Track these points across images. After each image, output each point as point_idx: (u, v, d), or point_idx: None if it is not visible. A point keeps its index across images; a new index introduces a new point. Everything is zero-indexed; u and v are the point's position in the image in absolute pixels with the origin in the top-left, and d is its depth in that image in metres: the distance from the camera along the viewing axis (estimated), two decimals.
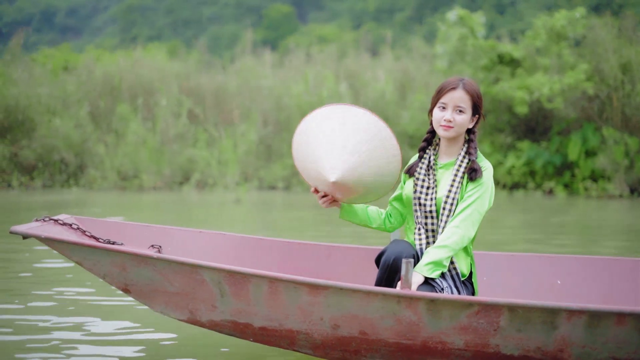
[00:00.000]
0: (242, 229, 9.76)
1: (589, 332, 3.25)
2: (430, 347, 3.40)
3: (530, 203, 16.14)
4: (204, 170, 19.34)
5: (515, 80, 18.63)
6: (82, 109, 20.00)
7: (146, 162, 18.96)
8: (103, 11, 58.35)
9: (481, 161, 3.88)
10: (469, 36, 19.43)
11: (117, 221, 4.42)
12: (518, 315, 3.24)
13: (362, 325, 3.42)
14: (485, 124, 19.45)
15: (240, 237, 4.54)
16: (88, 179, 18.85)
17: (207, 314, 3.67)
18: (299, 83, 21.29)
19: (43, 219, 4.02)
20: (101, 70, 21.35)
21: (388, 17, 45.51)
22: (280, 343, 3.65)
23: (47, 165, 18.99)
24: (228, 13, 52.17)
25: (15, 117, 19.13)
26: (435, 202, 3.82)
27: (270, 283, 3.43)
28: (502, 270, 4.47)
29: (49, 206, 13.56)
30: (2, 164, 18.56)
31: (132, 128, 19.62)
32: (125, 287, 3.75)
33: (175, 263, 3.56)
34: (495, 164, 18.80)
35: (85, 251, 3.68)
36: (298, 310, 3.46)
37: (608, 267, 4.41)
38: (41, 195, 16.33)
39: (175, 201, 15.80)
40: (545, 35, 18.71)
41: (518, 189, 18.72)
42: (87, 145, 19.34)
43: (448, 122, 3.81)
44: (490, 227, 10.62)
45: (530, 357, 3.35)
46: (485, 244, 8.25)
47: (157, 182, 18.91)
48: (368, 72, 21.93)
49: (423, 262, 3.64)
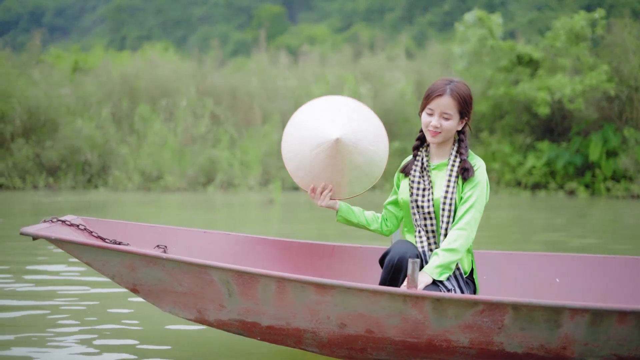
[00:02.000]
0: (296, 232, 9.91)
1: (592, 330, 3.32)
2: (436, 345, 3.47)
3: (557, 203, 16.24)
4: (226, 171, 19.36)
5: (536, 81, 18.73)
6: (104, 110, 20.01)
7: (169, 163, 18.98)
8: (91, 11, 58.16)
9: (472, 159, 3.94)
10: (488, 37, 19.50)
11: (122, 221, 4.46)
12: (522, 313, 3.31)
13: (368, 323, 3.48)
14: (504, 125, 19.59)
15: (244, 237, 4.59)
16: (114, 180, 18.83)
17: (215, 314, 3.73)
18: (320, 84, 21.29)
19: (51, 220, 4.06)
20: (119, 71, 21.35)
21: (378, 17, 45.58)
22: (287, 342, 3.71)
23: (70, 166, 19.00)
24: (218, 13, 52.11)
25: (37, 118, 19.14)
26: (433, 204, 3.88)
27: (279, 283, 3.49)
28: (501, 269, 4.53)
29: (79, 207, 13.67)
30: (26, 165, 18.58)
31: (153, 129, 19.63)
32: (134, 287, 3.80)
33: (184, 263, 3.61)
34: (516, 164, 18.91)
35: (95, 252, 3.73)
36: (305, 310, 3.52)
37: (606, 265, 4.48)
38: (69, 196, 16.38)
39: (207, 202, 15.84)
40: (564, 37, 18.78)
41: (539, 189, 18.80)
42: (109, 146, 19.33)
43: (435, 129, 3.88)
44: (550, 230, 10.76)
45: (533, 354, 3.42)
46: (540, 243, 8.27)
47: (181, 183, 18.93)
48: (387, 73, 21.94)
49: (433, 265, 3.71)
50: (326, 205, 4.10)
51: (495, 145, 19.29)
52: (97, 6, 57.92)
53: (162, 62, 22.10)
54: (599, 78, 17.89)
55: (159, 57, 22.64)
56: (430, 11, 44.18)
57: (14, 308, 5.10)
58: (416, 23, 41.66)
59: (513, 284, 4.50)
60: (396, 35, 28.89)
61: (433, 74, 21.81)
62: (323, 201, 4.09)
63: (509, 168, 19.04)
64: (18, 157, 18.46)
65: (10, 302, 5.27)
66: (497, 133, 19.61)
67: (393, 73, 21.90)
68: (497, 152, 19.18)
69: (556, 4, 32.07)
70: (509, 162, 19.05)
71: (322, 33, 41.22)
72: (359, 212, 4.15)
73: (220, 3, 52.62)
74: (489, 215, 12.71)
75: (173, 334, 4.55)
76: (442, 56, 23.59)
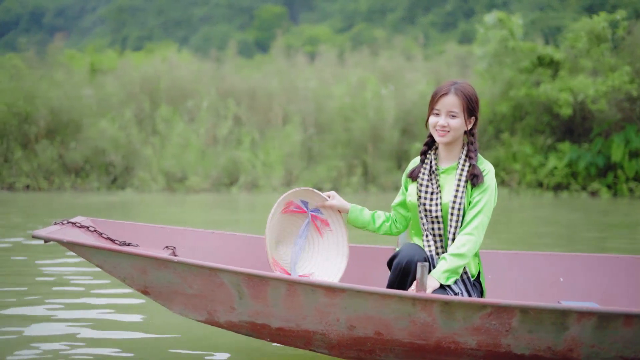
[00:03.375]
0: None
1: (598, 333, 3.37)
2: (444, 347, 3.51)
3: (585, 204, 16.28)
4: (249, 172, 19.39)
5: (558, 82, 18.76)
6: (127, 111, 20.06)
7: (193, 164, 19.02)
8: (91, 12, 58.17)
9: (481, 164, 3.95)
10: (509, 38, 19.54)
11: (131, 223, 4.50)
12: (530, 316, 3.35)
13: (377, 326, 3.52)
14: (525, 126, 19.61)
15: (251, 238, 4.62)
16: (139, 181, 18.87)
17: (226, 315, 3.76)
18: (341, 85, 21.32)
19: (61, 222, 4.10)
20: (139, 72, 21.41)
21: (380, 18, 45.59)
22: (296, 343, 3.75)
23: (93, 167, 19.06)
24: (219, 13, 52.12)
25: (60, 120, 19.19)
26: (441, 208, 3.90)
27: (289, 285, 3.53)
28: (506, 269, 4.57)
29: (110, 208, 13.84)
30: (51, 167, 18.63)
31: (176, 130, 19.68)
32: (145, 290, 3.84)
33: (195, 266, 3.64)
34: (537, 165, 18.95)
35: (106, 254, 3.76)
36: (315, 312, 3.56)
37: (610, 264, 4.52)
38: (97, 197, 16.51)
39: (231, 203, 15.90)
40: (585, 38, 18.81)
41: (561, 190, 18.83)
42: (133, 147, 19.37)
43: (442, 128, 3.90)
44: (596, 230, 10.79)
45: (540, 356, 3.46)
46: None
47: (204, 184, 18.97)
48: (408, 74, 21.96)
49: (440, 269, 3.74)
50: (330, 205, 4.17)
51: (516, 146, 19.32)
52: (98, 7, 57.93)
53: (180, 63, 22.18)
54: (621, 79, 17.95)
55: (176, 58, 22.72)
56: (432, 11, 44.19)
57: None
58: (418, 23, 41.67)
59: (517, 283, 4.54)
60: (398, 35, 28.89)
61: (451, 75, 21.86)
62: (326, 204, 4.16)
63: (530, 169, 19.07)
64: (42, 158, 18.53)
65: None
66: (518, 134, 19.64)
67: (412, 74, 21.91)
68: (518, 153, 19.21)
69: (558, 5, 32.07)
70: (530, 163, 19.08)
71: (323, 33, 41.22)
72: (368, 216, 4.17)
73: (221, 3, 52.64)
74: (531, 215, 12.74)
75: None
76: (459, 57, 23.64)
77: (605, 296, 4.43)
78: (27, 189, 18.26)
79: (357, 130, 20.12)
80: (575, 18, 23.68)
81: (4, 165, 18.50)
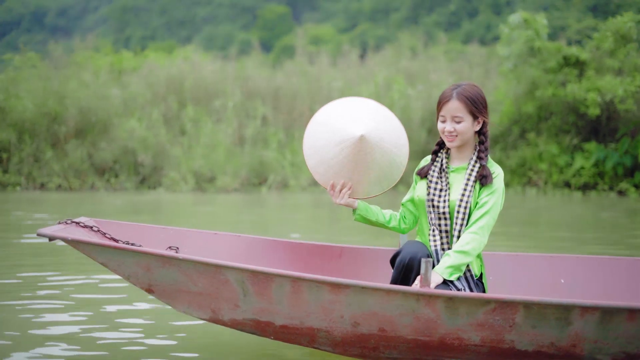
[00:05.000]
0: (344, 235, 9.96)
1: (601, 328, 3.38)
2: (447, 343, 3.53)
3: (615, 203, 16.29)
4: (278, 172, 19.43)
5: (585, 82, 18.77)
6: (155, 111, 20.14)
7: (222, 165, 19.07)
8: (93, 11, 58.20)
9: (492, 166, 4.00)
10: (535, 38, 19.55)
11: (134, 223, 4.52)
12: (533, 312, 3.37)
13: (381, 322, 3.54)
14: (550, 126, 19.60)
15: (253, 238, 4.65)
16: (170, 181, 18.91)
17: (230, 313, 3.78)
18: (367, 85, 21.33)
19: (65, 221, 4.12)
20: (165, 72, 21.49)
21: (383, 17, 45.60)
22: (300, 341, 3.77)
23: (122, 167, 19.13)
24: (222, 13, 52.14)
25: (88, 120, 19.28)
26: (449, 205, 3.94)
27: (293, 282, 3.55)
28: (507, 270, 4.60)
29: (149, 208, 13.95)
30: (81, 166, 18.72)
31: (204, 130, 19.74)
32: (149, 288, 3.86)
33: (200, 264, 3.67)
34: (564, 165, 18.95)
35: (111, 252, 3.79)
36: (319, 309, 3.58)
37: (611, 266, 4.54)
38: (131, 197, 16.57)
39: (260, 203, 15.95)
40: (611, 38, 18.79)
41: (589, 190, 18.82)
42: (162, 147, 19.43)
43: (450, 133, 3.96)
44: None
45: (544, 352, 3.48)
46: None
47: (234, 184, 19.01)
48: (433, 75, 21.96)
49: (444, 265, 3.78)
50: (344, 203, 4.12)
51: (542, 146, 19.31)
52: (99, 6, 57.97)
53: (202, 62, 22.26)
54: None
55: (198, 58, 22.80)
56: (435, 11, 44.16)
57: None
58: (421, 23, 41.64)
59: (518, 285, 4.56)
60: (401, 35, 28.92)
61: (474, 76, 21.87)
62: (342, 199, 4.12)
63: (557, 169, 19.07)
64: (73, 158, 18.62)
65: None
66: (543, 134, 19.64)
67: (438, 75, 21.92)
68: (544, 153, 19.20)
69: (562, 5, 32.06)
70: (556, 163, 19.07)
71: (327, 33, 41.24)
72: (376, 211, 4.19)
73: (224, 3, 52.65)
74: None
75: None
76: (483, 57, 23.67)
77: (606, 298, 4.46)
78: (58, 189, 18.34)
79: None
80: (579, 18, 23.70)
81: (34, 165, 18.60)
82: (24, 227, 10.18)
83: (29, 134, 18.81)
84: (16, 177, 18.34)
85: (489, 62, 22.74)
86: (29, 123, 18.83)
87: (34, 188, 18.29)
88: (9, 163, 18.54)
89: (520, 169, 19.39)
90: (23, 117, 18.75)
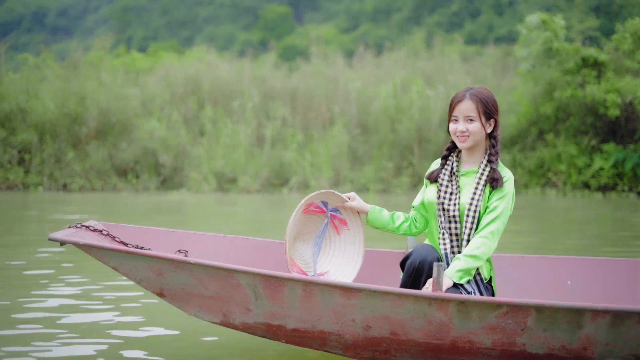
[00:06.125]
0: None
1: (612, 331, 3.40)
2: (459, 347, 3.54)
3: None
4: (298, 172, 19.45)
5: (604, 84, 18.79)
6: (175, 111, 20.17)
7: (243, 165, 19.09)
8: (94, 11, 58.24)
9: (502, 170, 4.01)
10: (553, 39, 19.58)
11: (143, 227, 4.53)
12: (545, 315, 3.38)
13: (393, 326, 3.55)
14: (568, 127, 19.63)
15: (262, 241, 4.66)
16: (192, 181, 18.94)
17: (241, 317, 3.79)
18: (386, 85, 21.35)
19: (75, 225, 4.13)
20: (182, 73, 21.53)
21: (385, 18, 45.61)
22: (311, 344, 3.78)
23: (143, 168, 19.17)
24: (224, 13, 52.18)
25: (108, 120, 19.33)
26: (459, 208, 3.96)
27: (305, 287, 3.56)
28: (513, 272, 4.61)
29: (171, 207, 14.00)
30: (102, 167, 18.76)
31: (224, 131, 19.77)
32: (161, 292, 3.87)
33: (212, 268, 3.67)
34: (583, 166, 18.96)
35: (123, 257, 3.80)
36: (331, 313, 3.59)
37: (617, 268, 4.56)
38: (155, 197, 16.66)
39: (281, 204, 15.98)
40: (630, 39, 18.81)
41: (609, 191, 18.82)
42: (183, 147, 19.48)
43: (462, 133, 3.97)
44: None
45: (555, 355, 3.49)
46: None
47: (255, 184, 19.05)
48: (450, 76, 21.98)
49: (454, 268, 3.79)
50: (350, 206, 4.20)
51: (560, 147, 19.33)
52: (100, 7, 58.01)
53: (218, 63, 22.31)
54: None
55: (215, 59, 22.86)
56: (437, 12, 44.17)
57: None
58: (423, 24, 41.64)
59: (525, 287, 4.58)
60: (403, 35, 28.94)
61: (490, 76, 21.89)
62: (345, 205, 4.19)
63: (575, 170, 19.08)
64: (94, 159, 18.67)
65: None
66: (562, 135, 19.66)
67: (454, 76, 21.94)
68: (563, 154, 19.22)
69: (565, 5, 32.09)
70: (575, 164, 19.08)
71: (329, 33, 41.28)
72: (387, 216, 4.21)
73: (226, 3, 52.69)
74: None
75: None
76: (499, 58, 23.70)
77: (612, 300, 4.47)
78: (81, 190, 18.39)
79: (403, 131, 20.12)
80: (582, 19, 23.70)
81: (55, 165, 18.65)
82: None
83: (50, 134, 18.87)
84: (38, 178, 18.41)
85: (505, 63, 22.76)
86: (49, 124, 18.89)
87: (57, 189, 18.35)
88: (31, 164, 18.61)
89: (538, 170, 19.43)
90: (44, 118, 18.81)
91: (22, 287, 5.94)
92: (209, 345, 4.43)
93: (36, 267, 6.92)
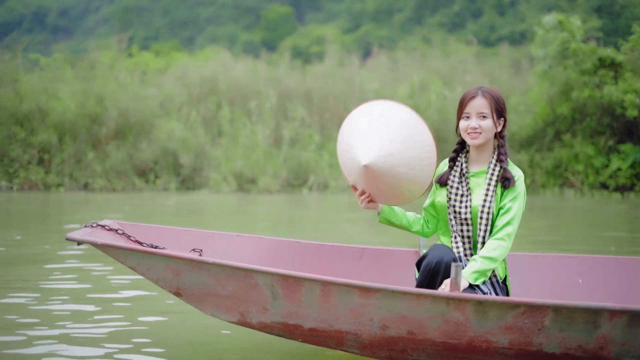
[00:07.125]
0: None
1: (629, 331, 3.42)
2: (476, 346, 3.56)
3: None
4: (317, 172, 19.46)
5: (622, 84, 18.79)
6: (193, 112, 20.20)
7: (262, 166, 19.10)
8: (95, 12, 58.19)
9: (512, 169, 4.01)
10: (570, 40, 19.58)
11: (157, 226, 4.55)
12: (562, 315, 3.40)
13: (410, 325, 3.57)
14: (585, 127, 19.63)
15: (276, 240, 4.68)
16: (212, 182, 18.95)
17: (258, 316, 3.81)
18: (404, 85, 21.35)
19: (91, 224, 4.15)
20: (198, 73, 21.56)
21: (386, 18, 45.60)
22: (328, 343, 3.80)
23: (162, 168, 19.19)
24: (225, 14, 52.16)
25: (127, 121, 19.35)
26: (471, 210, 3.96)
27: (323, 286, 3.58)
28: (525, 270, 4.63)
29: (194, 208, 14.02)
30: (122, 167, 18.78)
31: (244, 132, 19.78)
32: (177, 291, 3.88)
33: (230, 268, 3.69)
34: (600, 166, 18.96)
35: (140, 256, 3.81)
36: (349, 312, 3.61)
37: (628, 266, 4.57)
38: (178, 198, 16.64)
39: (301, 204, 16.03)
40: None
41: (627, 191, 18.81)
42: (202, 148, 19.50)
43: (474, 130, 3.96)
44: None
45: (571, 354, 3.51)
46: None
47: (275, 184, 19.06)
48: (467, 76, 21.99)
49: (471, 269, 3.80)
50: (365, 208, 4.16)
51: (577, 147, 19.33)
52: (101, 7, 57.96)
53: (234, 63, 22.35)
54: None
55: (230, 59, 22.89)
56: (439, 12, 44.15)
57: None
58: (425, 24, 41.64)
59: (536, 285, 4.59)
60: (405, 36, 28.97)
61: (504, 76, 21.90)
62: (362, 204, 4.16)
63: (593, 170, 19.08)
64: (114, 159, 18.69)
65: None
66: (578, 135, 19.66)
67: (471, 76, 21.93)
68: (580, 154, 19.22)
69: (567, 5, 32.09)
70: (592, 164, 19.08)
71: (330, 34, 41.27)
72: (400, 214, 4.22)
73: (227, 4, 52.67)
74: None
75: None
76: (512, 59, 23.73)
77: (624, 298, 4.48)
78: (102, 190, 18.42)
79: None
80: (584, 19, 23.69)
81: (75, 166, 18.68)
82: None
83: (70, 135, 18.89)
84: (58, 178, 18.43)
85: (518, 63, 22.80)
86: (69, 124, 18.91)
87: (78, 189, 18.37)
88: (51, 164, 18.63)
89: (556, 170, 19.41)
90: (63, 119, 18.83)
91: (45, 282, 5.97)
92: (224, 344, 4.44)
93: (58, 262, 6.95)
